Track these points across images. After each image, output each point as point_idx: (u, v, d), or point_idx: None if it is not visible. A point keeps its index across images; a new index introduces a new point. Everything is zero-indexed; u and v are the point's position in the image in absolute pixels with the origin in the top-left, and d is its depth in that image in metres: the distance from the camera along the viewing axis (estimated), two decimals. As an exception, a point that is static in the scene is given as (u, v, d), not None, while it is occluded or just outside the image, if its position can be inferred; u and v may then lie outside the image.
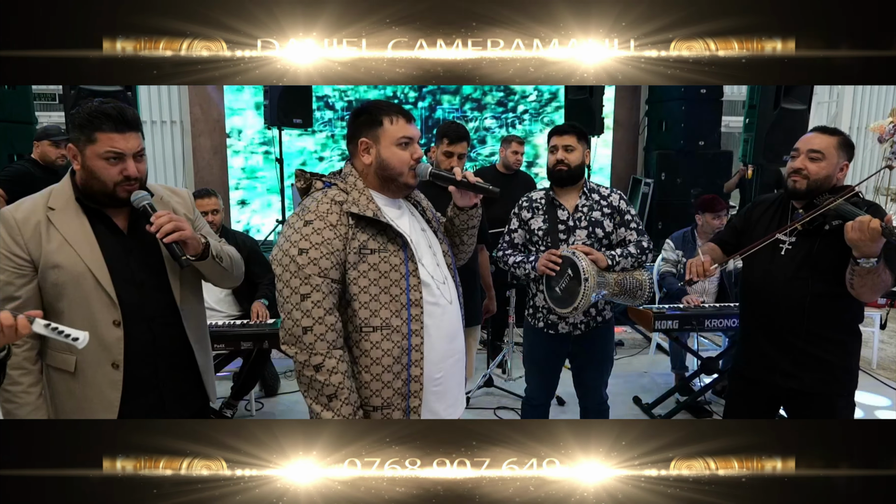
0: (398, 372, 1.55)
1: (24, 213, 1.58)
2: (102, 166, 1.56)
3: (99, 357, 1.60)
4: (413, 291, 1.56)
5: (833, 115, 7.53)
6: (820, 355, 1.98)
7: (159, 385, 1.68)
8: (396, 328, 1.54)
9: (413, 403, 1.57)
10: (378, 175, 1.61)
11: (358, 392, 1.55)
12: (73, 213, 1.60)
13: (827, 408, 2.00)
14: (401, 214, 1.66)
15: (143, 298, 1.64)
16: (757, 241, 2.02)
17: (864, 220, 1.72)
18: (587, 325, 2.52)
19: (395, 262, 1.55)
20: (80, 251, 1.58)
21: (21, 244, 1.56)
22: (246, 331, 3.05)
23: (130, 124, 1.56)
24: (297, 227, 1.52)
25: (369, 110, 1.60)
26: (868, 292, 1.87)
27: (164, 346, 1.67)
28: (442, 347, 1.64)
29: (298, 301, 1.49)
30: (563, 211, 2.49)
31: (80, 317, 1.58)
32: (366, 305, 1.53)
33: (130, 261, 1.64)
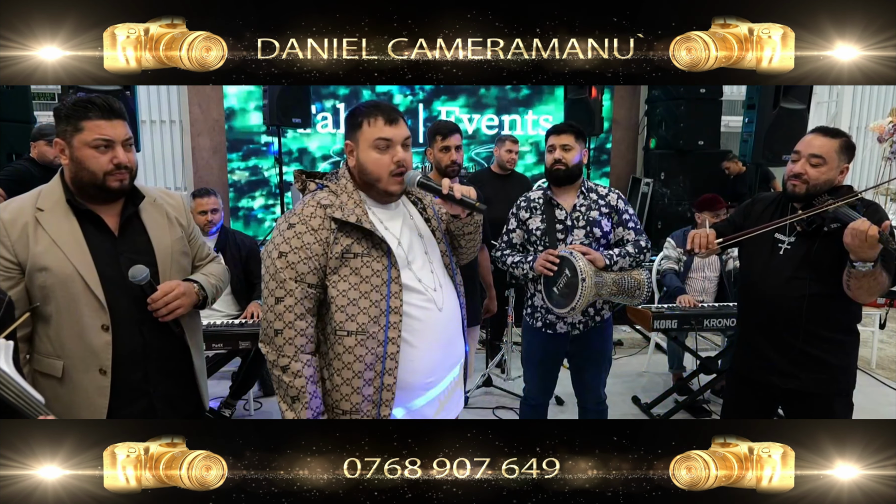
0: (370, 379, 1.53)
1: (12, 214, 1.55)
2: (91, 155, 1.54)
3: (86, 362, 1.56)
4: (393, 298, 1.53)
5: (833, 114, 7.53)
6: (818, 355, 1.98)
7: (150, 391, 1.64)
8: (372, 334, 1.51)
9: (384, 412, 1.54)
10: (361, 179, 1.60)
11: (329, 395, 1.55)
12: (62, 214, 1.57)
13: (825, 408, 2.00)
14: (393, 216, 1.62)
15: (134, 302, 1.60)
16: (756, 236, 2.01)
17: (863, 227, 1.72)
18: (585, 324, 2.52)
19: (378, 268, 1.53)
20: (69, 253, 1.54)
21: (8, 246, 1.53)
22: (244, 330, 3.05)
23: (117, 112, 1.55)
24: (282, 229, 1.53)
25: (355, 111, 1.59)
26: (864, 294, 1.87)
27: (156, 351, 1.64)
28: (434, 355, 1.60)
29: (273, 303, 1.50)
30: (561, 210, 2.49)
31: (67, 321, 1.54)
32: (342, 309, 1.51)
33: (121, 263, 1.59)
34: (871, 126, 5.76)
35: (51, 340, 1.57)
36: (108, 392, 1.58)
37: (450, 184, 1.60)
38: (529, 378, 2.69)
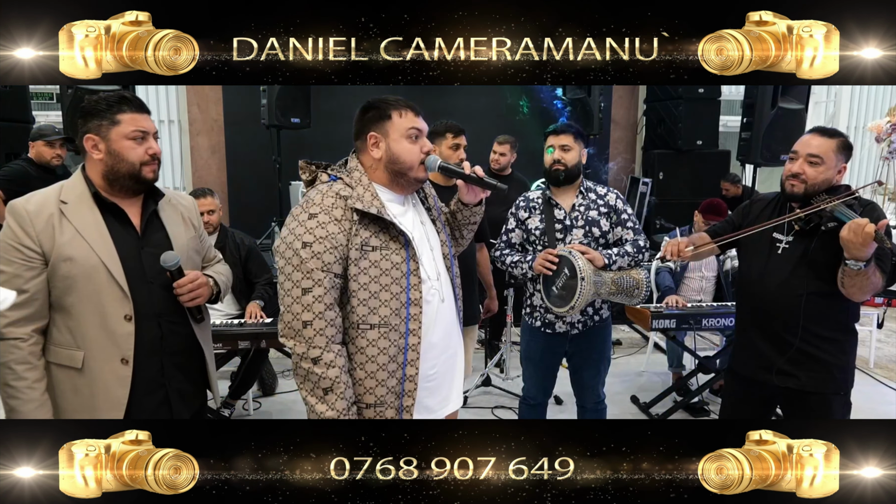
0: (393, 370, 1.55)
1: (37, 206, 1.58)
2: (129, 146, 1.59)
3: (108, 352, 1.58)
4: (413, 291, 1.56)
5: (831, 114, 7.54)
6: (816, 354, 1.99)
7: (165, 383, 1.67)
8: (394, 327, 1.54)
9: (406, 403, 1.56)
10: (388, 170, 1.60)
11: (352, 389, 1.54)
12: (86, 207, 1.61)
13: (823, 407, 2.00)
14: (405, 211, 1.65)
15: (153, 295, 1.64)
16: (754, 235, 2.02)
17: (861, 223, 1.72)
18: (584, 324, 2.52)
19: (397, 261, 1.55)
20: (94, 244, 1.58)
21: (32, 236, 1.55)
22: (243, 330, 3.05)
23: (146, 108, 1.64)
24: (302, 219, 1.51)
25: (377, 105, 1.60)
26: (858, 293, 1.87)
27: (171, 344, 1.67)
28: (438, 345, 1.64)
29: (300, 295, 1.48)
30: (560, 210, 2.49)
31: (90, 311, 1.57)
32: (364, 302, 1.52)
33: (142, 257, 1.64)
34: (868, 126, 5.78)
35: (71, 331, 1.59)
36: (129, 382, 1.60)
37: (470, 166, 1.65)
38: (528, 377, 2.70)
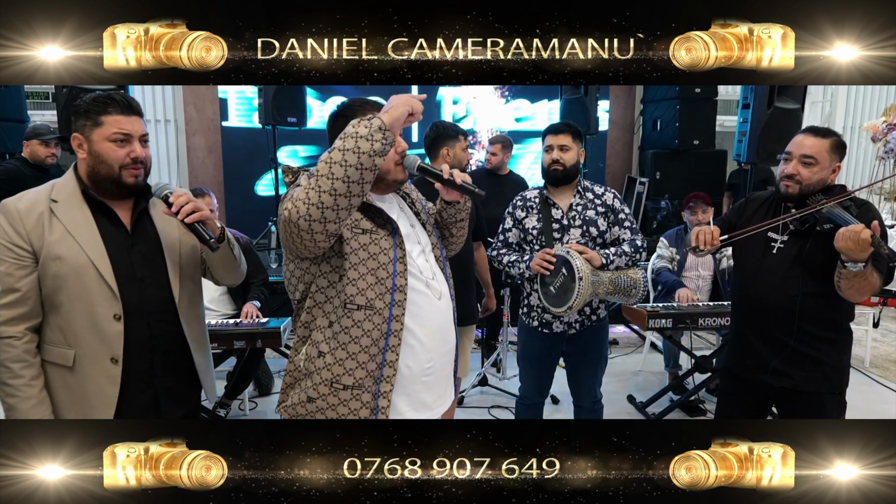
0: (374, 354, 1.55)
1: (27, 204, 1.58)
2: (110, 148, 1.58)
3: (98, 351, 1.59)
4: (399, 277, 1.56)
5: (827, 114, 7.55)
6: (811, 354, 1.99)
7: (154, 383, 1.67)
8: (378, 310, 1.54)
9: (384, 388, 1.55)
10: None
11: (330, 369, 1.54)
12: (76, 206, 1.61)
13: (818, 406, 2.01)
14: (389, 208, 1.66)
15: (143, 294, 1.64)
16: (749, 235, 2.02)
17: (856, 230, 1.73)
18: (581, 323, 2.52)
19: (385, 246, 1.56)
20: (83, 243, 1.58)
21: (23, 234, 1.56)
22: (239, 330, 3.05)
23: (134, 109, 1.62)
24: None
25: (349, 110, 1.61)
26: (855, 294, 1.87)
27: (161, 343, 1.67)
28: (432, 340, 1.63)
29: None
30: (558, 210, 2.49)
31: (80, 310, 1.57)
32: (354, 282, 1.53)
33: (132, 256, 1.64)
34: (864, 126, 5.79)
35: (62, 330, 1.59)
36: (118, 381, 1.60)
37: (449, 169, 1.65)
38: (525, 377, 2.70)
